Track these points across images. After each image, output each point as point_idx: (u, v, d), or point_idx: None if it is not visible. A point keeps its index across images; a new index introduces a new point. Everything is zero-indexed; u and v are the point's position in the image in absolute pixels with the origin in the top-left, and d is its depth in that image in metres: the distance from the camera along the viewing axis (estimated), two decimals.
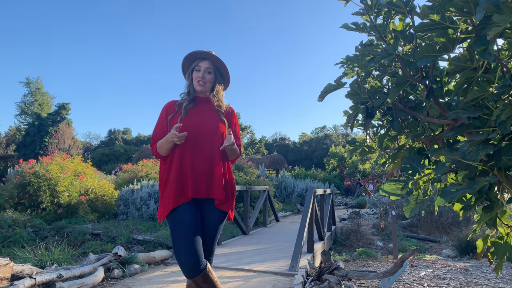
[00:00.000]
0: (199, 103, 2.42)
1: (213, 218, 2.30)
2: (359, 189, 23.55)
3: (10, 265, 3.24)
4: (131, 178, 11.40)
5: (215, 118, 2.38)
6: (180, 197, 2.21)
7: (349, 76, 1.95)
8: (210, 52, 2.42)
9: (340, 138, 47.85)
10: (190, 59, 2.45)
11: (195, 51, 2.42)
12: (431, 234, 10.52)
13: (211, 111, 2.41)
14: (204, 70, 2.39)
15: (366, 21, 1.77)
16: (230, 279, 4.18)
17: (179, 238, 2.13)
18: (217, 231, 2.33)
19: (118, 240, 6.39)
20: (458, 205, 1.81)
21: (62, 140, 30.87)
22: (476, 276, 4.65)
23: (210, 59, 2.42)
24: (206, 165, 2.27)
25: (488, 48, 1.27)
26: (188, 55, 2.44)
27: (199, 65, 2.40)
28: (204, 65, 2.40)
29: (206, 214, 2.30)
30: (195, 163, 2.25)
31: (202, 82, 2.39)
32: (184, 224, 2.15)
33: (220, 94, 2.46)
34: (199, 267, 2.10)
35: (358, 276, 3.78)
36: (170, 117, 2.36)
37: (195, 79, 2.40)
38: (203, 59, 2.41)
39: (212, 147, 2.29)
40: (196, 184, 2.24)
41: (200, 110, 2.39)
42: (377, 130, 2.09)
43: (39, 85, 39.13)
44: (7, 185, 9.43)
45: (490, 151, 1.35)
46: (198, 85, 2.38)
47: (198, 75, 2.39)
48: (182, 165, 2.25)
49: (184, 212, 2.19)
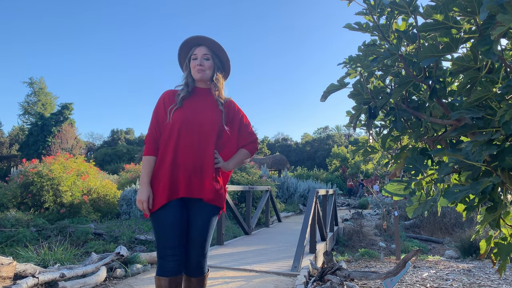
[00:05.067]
0: (199, 95, 2.23)
1: (203, 213, 2.13)
2: (362, 189, 23.49)
3: (13, 264, 3.25)
4: (134, 178, 11.43)
5: (214, 112, 2.20)
6: (170, 194, 2.07)
7: (352, 76, 1.95)
8: (206, 36, 2.21)
9: (343, 139, 47.80)
10: (185, 48, 2.26)
11: (189, 38, 2.22)
12: (434, 235, 10.49)
13: (211, 103, 2.22)
14: (202, 57, 2.20)
15: (369, 21, 1.77)
16: (232, 279, 4.18)
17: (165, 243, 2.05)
18: (209, 227, 2.14)
19: (120, 239, 6.41)
20: (461, 205, 1.81)
21: (65, 140, 30.94)
22: (479, 277, 4.64)
23: (206, 45, 2.23)
24: (199, 162, 2.11)
25: (492, 48, 1.26)
26: (183, 44, 2.25)
27: (195, 52, 2.21)
28: (201, 51, 2.21)
29: (195, 211, 2.13)
30: (187, 160, 2.10)
31: (201, 68, 2.19)
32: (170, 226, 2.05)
33: (221, 83, 2.26)
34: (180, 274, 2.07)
35: (360, 276, 3.77)
36: (170, 108, 2.17)
37: (192, 68, 2.21)
38: (199, 45, 2.23)
39: (207, 143, 2.14)
40: (186, 182, 2.09)
41: (199, 102, 2.21)
42: (380, 130, 2.09)
43: (42, 85, 39.28)
44: (10, 185, 9.47)
45: (494, 152, 1.34)
46: (197, 72, 2.19)
47: (196, 62, 2.19)
48: (174, 162, 2.10)
49: (171, 214, 2.06)
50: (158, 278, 2.06)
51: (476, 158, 1.37)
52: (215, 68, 2.25)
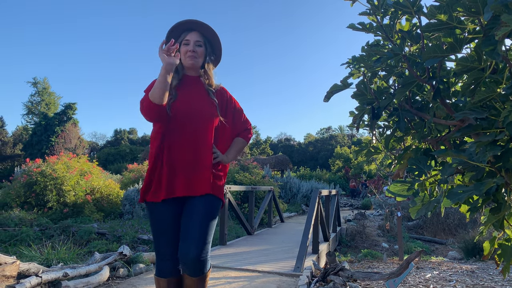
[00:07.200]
0: (188, 83, 2.13)
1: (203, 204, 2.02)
2: (365, 190, 23.44)
3: (17, 264, 3.27)
4: (137, 177, 11.45)
5: (209, 103, 2.12)
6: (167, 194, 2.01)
7: (355, 76, 1.95)
8: (199, 21, 2.11)
9: (346, 139, 47.70)
10: (176, 31, 2.13)
11: (181, 21, 2.11)
12: (437, 235, 10.46)
13: (204, 93, 2.13)
14: (194, 43, 2.09)
15: (373, 21, 1.76)
16: (235, 279, 4.18)
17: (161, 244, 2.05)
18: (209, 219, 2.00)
19: (123, 239, 6.43)
20: (465, 206, 1.80)
21: (69, 139, 31.08)
22: (482, 279, 4.62)
23: (200, 30, 2.13)
24: (197, 158, 2.03)
25: (496, 48, 1.25)
26: (174, 27, 2.12)
27: (187, 38, 2.10)
28: (193, 37, 2.10)
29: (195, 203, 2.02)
30: (184, 156, 2.02)
31: (193, 55, 2.09)
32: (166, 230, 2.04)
33: (211, 70, 2.18)
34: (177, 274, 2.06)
35: (363, 277, 3.77)
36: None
37: (183, 53, 2.10)
38: (191, 30, 2.12)
39: (205, 137, 2.06)
40: (184, 180, 2.01)
41: (190, 91, 2.11)
42: (383, 131, 2.08)
43: (46, 85, 39.49)
44: (14, 184, 9.52)
45: (498, 152, 1.33)
46: (189, 59, 2.09)
47: (188, 48, 2.09)
48: (170, 159, 2.02)
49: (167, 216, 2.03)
50: (157, 279, 2.09)
51: (480, 159, 1.36)
52: (206, 55, 2.16)
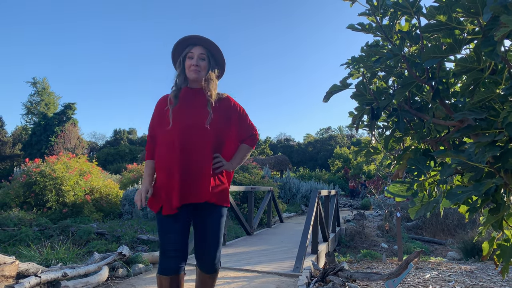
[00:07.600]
0: (189, 96, 2.21)
1: (212, 217, 2.18)
2: (364, 190, 23.45)
3: (16, 264, 3.26)
4: (136, 177, 11.45)
5: (209, 113, 2.16)
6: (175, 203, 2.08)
7: (355, 77, 1.95)
8: (203, 36, 2.21)
9: (345, 139, 47.72)
10: (181, 46, 2.24)
11: (187, 37, 2.21)
12: (436, 236, 10.46)
13: (205, 105, 2.19)
14: (198, 57, 2.19)
15: (372, 22, 1.77)
16: (234, 280, 4.18)
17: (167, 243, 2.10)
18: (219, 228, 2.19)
19: (122, 239, 6.43)
20: (464, 207, 1.80)
21: (68, 139, 31.05)
22: (481, 279, 4.62)
23: (204, 45, 2.22)
24: (200, 167, 2.11)
25: (496, 49, 1.26)
26: (179, 42, 2.23)
27: (191, 51, 2.19)
28: (197, 51, 2.19)
29: (205, 214, 2.17)
30: (187, 166, 2.09)
31: (196, 69, 2.18)
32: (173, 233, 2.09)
33: (214, 83, 2.24)
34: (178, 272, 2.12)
35: (362, 277, 3.77)
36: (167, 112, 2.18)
37: (187, 67, 2.19)
38: (195, 44, 2.21)
39: (205, 147, 2.13)
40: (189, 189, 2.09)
41: (189, 104, 2.18)
42: (383, 131, 2.08)
43: (45, 85, 39.41)
44: (13, 184, 9.51)
45: (497, 153, 1.34)
46: (192, 72, 2.18)
47: (191, 62, 2.18)
48: (174, 170, 2.09)
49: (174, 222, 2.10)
50: (159, 277, 2.10)
51: (479, 159, 1.36)
52: (209, 69, 2.24)
